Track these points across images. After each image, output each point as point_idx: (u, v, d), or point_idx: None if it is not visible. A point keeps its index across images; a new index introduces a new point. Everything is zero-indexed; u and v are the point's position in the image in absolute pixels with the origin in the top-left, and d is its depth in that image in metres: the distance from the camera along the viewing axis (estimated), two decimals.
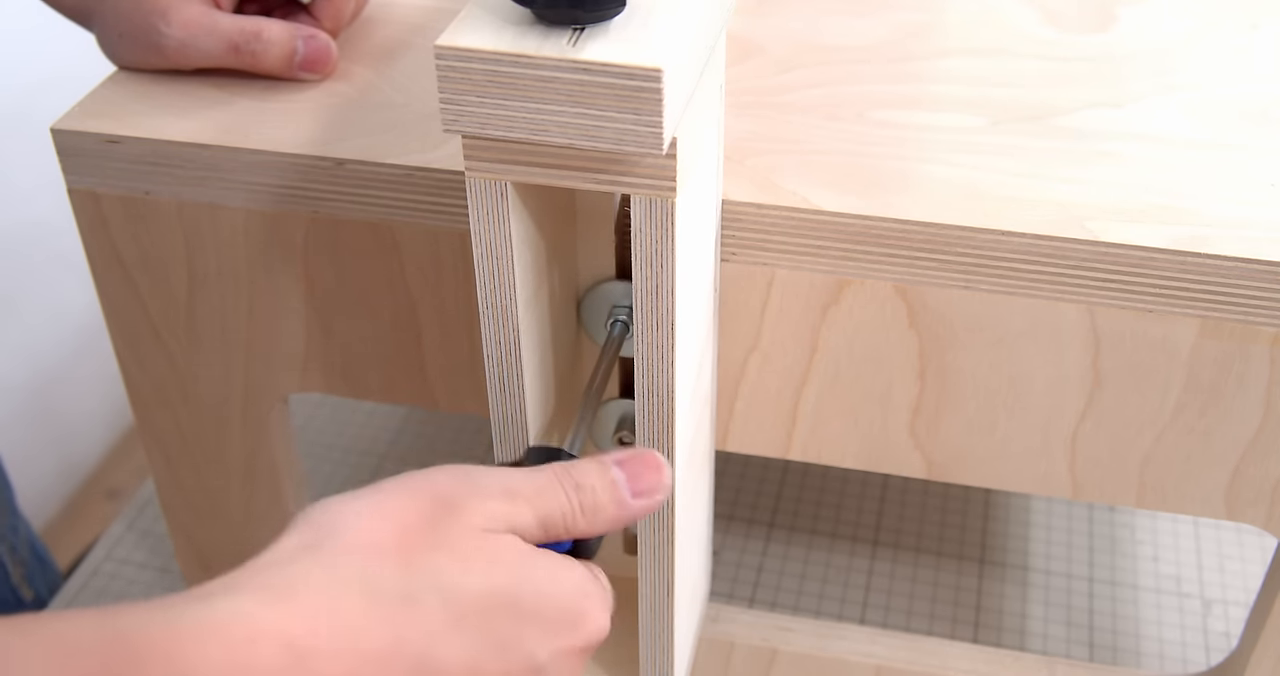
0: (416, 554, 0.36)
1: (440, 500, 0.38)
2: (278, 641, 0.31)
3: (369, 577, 0.34)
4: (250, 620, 0.31)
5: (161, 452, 0.67)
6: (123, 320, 0.62)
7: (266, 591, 0.33)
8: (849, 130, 0.57)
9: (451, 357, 0.61)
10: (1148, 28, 0.66)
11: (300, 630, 0.32)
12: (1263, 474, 0.56)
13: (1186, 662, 0.76)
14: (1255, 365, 0.53)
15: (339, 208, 0.56)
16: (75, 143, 0.57)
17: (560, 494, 0.41)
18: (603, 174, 0.41)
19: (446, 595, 0.36)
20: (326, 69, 0.61)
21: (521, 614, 0.37)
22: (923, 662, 0.66)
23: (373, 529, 0.36)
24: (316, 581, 0.34)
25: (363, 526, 0.36)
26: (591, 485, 0.41)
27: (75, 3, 0.62)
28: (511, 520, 0.39)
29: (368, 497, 0.37)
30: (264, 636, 0.31)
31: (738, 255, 0.54)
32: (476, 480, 0.39)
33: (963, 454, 0.58)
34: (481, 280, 0.44)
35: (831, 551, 0.83)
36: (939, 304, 0.54)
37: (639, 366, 0.45)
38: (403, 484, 0.38)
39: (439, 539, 0.37)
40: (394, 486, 0.38)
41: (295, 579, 0.33)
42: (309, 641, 0.32)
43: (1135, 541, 0.84)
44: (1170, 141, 0.57)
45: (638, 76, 0.37)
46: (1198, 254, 0.50)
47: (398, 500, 0.37)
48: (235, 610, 0.32)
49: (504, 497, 0.39)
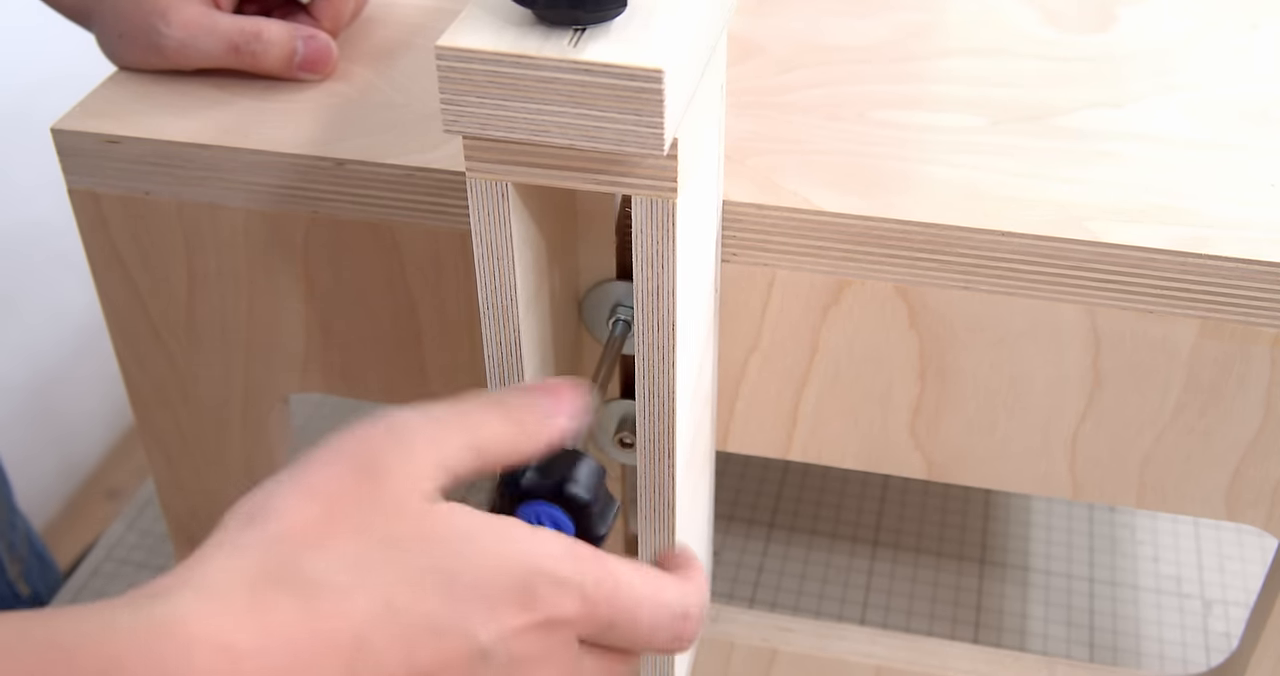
0: (341, 538, 0.35)
1: (364, 466, 0.36)
2: (209, 643, 0.31)
3: (296, 568, 0.34)
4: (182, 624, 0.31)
5: (161, 452, 0.67)
6: (123, 320, 0.62)
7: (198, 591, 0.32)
8: (850, 130, 0.57)
9: (451, 358, 0.61)
10: (1148, 28, 0.66)
11: (230, 629, 0.31)
12: (1263, 474, 0.56)
13: (1186, 662, 0.76)
14: (1255, 366, 0.53)
15: (339, 208, 0.56)
16: (75, 143, 0.57)
17: (491, 414, 0.39)
18: (603, 174, 0.41)
19: (375, 579, 0.34)
20: (326, 69, 0.61)
21: (456, 592, 0.35)
22: (923, 662, 0.66)
23: (299, 511, 0.35)
24: (244, 576, 0.33)
25: (289, 509, 0.35)
26: (518, 403, 0.40)
27: (75, 3, 0.62)
28: (445, 460, 0.37)
29: (292, 479, 0.36)
30: (196, 640, 0.31)
31: (738, 256, 0.54)
32: (401, 433, 0.37)
33: (963, 454, 0.58)
34: (482, 280, 0.44)
35: (831, 551, 0.83)
36: (939, 304, 0.54)
37: (639, 367, 0.45)
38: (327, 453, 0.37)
39: (365, 516, 0.35)
40: (318, 458, 0.36)
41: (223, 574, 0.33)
42: (240, 640, 0.31)
43: (1135, 541, 0.84)
44: (1170, 141, 0.57)
45: (639, 77, 0.37)
46: (1198, 254, 0.50)
47: (321, 474, 0.36)
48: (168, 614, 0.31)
49: (431, 436, 0.37)
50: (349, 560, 0.34)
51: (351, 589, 0.34)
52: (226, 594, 0.32)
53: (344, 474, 0.36)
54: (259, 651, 0.32)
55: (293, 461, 0.37)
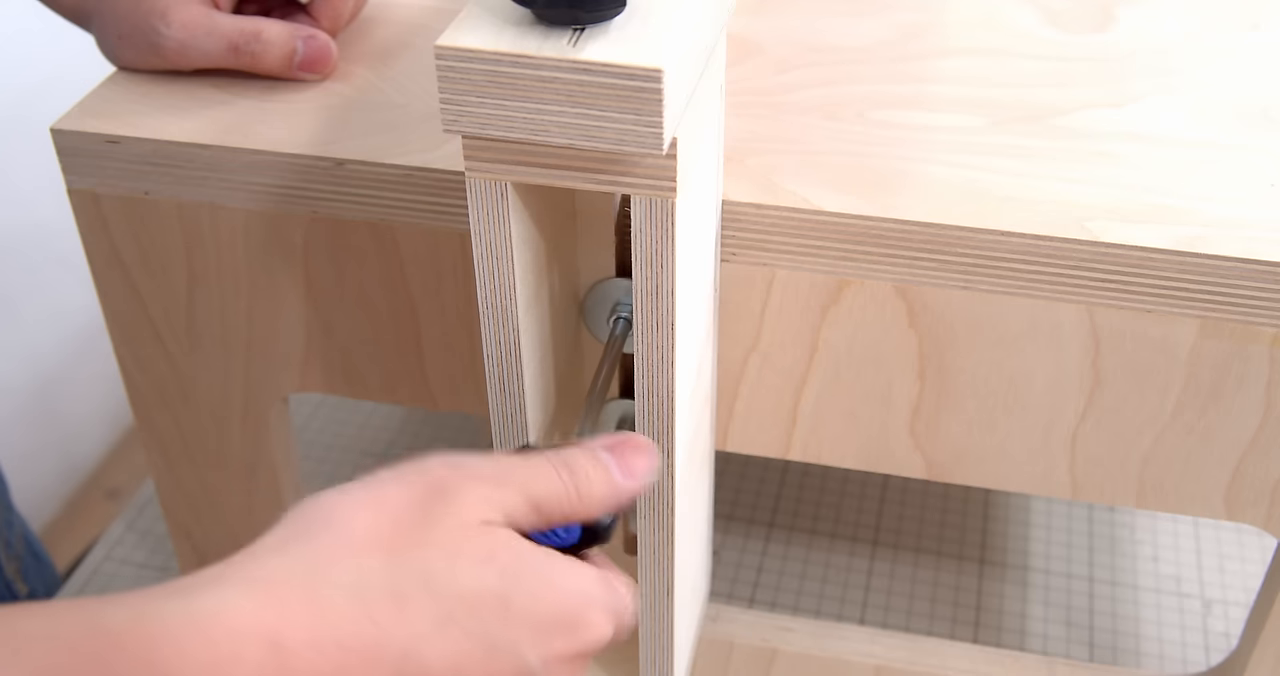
0: (406, 549, 0.35)
1: (433, 488, 0.37)
2: (260, 637, 0.31)
3: (356, 573, 0.34)
4: (234, 615, 0.31)
5: (161, 452, 0.67)
6: (123, 320, 0.62)
7: (252, 584, 0.32)
8: (849, 130, 0.57)
9: (451, 357, 0.61)
10: (1148, 28, 0.66)
11: (283, 625, 0.31)
12: (1263, 474, 0.56)
13: (1186, 662, 0.76)
14: (1255, 365, 0.53)
15: (339, 208, 0.56)
16: (75, 143, 0.57)
17: (553, 475, 0.40)
18: (603, 174, 0.41)
19: (434, 593, 0.35)
20: (326, 69, 0.61)
21: (511, 614, 0.37)
22: (923, 662, 0.66)
23: (365, 522, 0.35)
24: (302, 575, 0.33)
25: (355, 519, 0.35)
26: (583, 467, 0.41)
27: (75, 4, 0.62)
28: (505, 504, 0.38)
29: (362, 490, 0.37)
30: (247, 632, 0.31)
31: (738, 255, 0.54)
32: (469, 466, 0.39)
33: (963, 454, 0.58)
34: (481, 280, 0.44)
35: (831, 551, 0.83)
36: (939, 304, 0.54)
37: (639, 367, 0.45)
38: (397, 474, 0.38)
39: (430, 533, 0.36)
40: (388, 477, 0.37)
41: (281, 572, 0.33)
42: (292, 637, 0.31)
43: (1135, 541, 0.84)
44: (1170, 141, 0.57)
45: (638, 77, 0.37)
46: (1197, 254, 0.50)
47: (391, 490, 0.37)
48: (219, 605, 0.31)
49: (496, 482, 0.39)
50: (409, 571, 0.35)
51: (410, 598, 0.34)
52: (282, 589, 0.32)
53: (411, 493, 0.37)
54: (310, 649, 0.31)
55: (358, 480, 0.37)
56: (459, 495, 0.37)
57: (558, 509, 0.40)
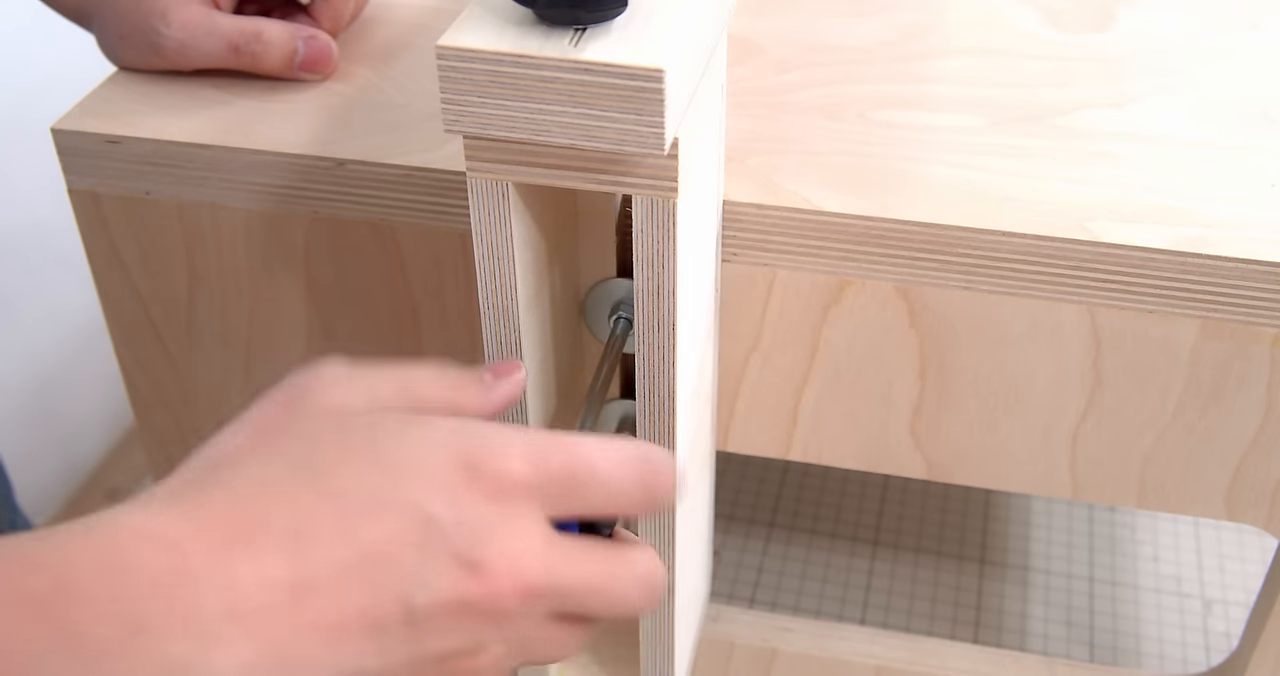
0: (268, 449, 0.36)
1: (290, 396, 0.39)
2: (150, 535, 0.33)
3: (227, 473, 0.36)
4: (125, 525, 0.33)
5: (161, 452, 0.67)
6: (123, 320, 0.62)
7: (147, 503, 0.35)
8: (849, 130, 0.58)
9: (452, 357, 0.60)
10: (1148, 28, 0.66)
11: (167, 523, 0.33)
12: (1263, 474, 0.56)
13: (1186, 662, 0.76)
14: (1255, 365, 0.53)
15: (339, 208, 0.56)
16: (75, 143, 0.57)
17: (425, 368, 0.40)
18: (604, 174, 0.41)
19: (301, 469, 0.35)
20: (327, 69, 0.61)
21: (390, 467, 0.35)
22: (923, 662, 0.66)
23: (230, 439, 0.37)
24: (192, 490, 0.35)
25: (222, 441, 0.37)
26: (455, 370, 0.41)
27: (75, 4, 0.62)
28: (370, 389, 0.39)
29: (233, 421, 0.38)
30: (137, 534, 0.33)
31: (739, 255, 0.54)
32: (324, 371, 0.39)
33: (963, 454, 0.58)
34: (482, 280, 0.44)
35: (831, 551, 0.83)
36: (939, 304, 0.54)
37: (640, 367, 0.45)
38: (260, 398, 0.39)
39: (288, 429, 0.37)
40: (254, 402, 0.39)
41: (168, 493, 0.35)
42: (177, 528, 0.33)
43: (1135, 541, 0.84)
44: (1170, 141, 0.57)
45: (639, 77, 0.37)
46: (1198, 254, 0.50)
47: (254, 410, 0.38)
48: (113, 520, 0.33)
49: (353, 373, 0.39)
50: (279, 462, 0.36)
51: (281, 482, 0.35)
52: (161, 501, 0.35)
53: (271, 406, 0.38)
54: (195, 534, 0.33)
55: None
56: (311, 392, 0.38)
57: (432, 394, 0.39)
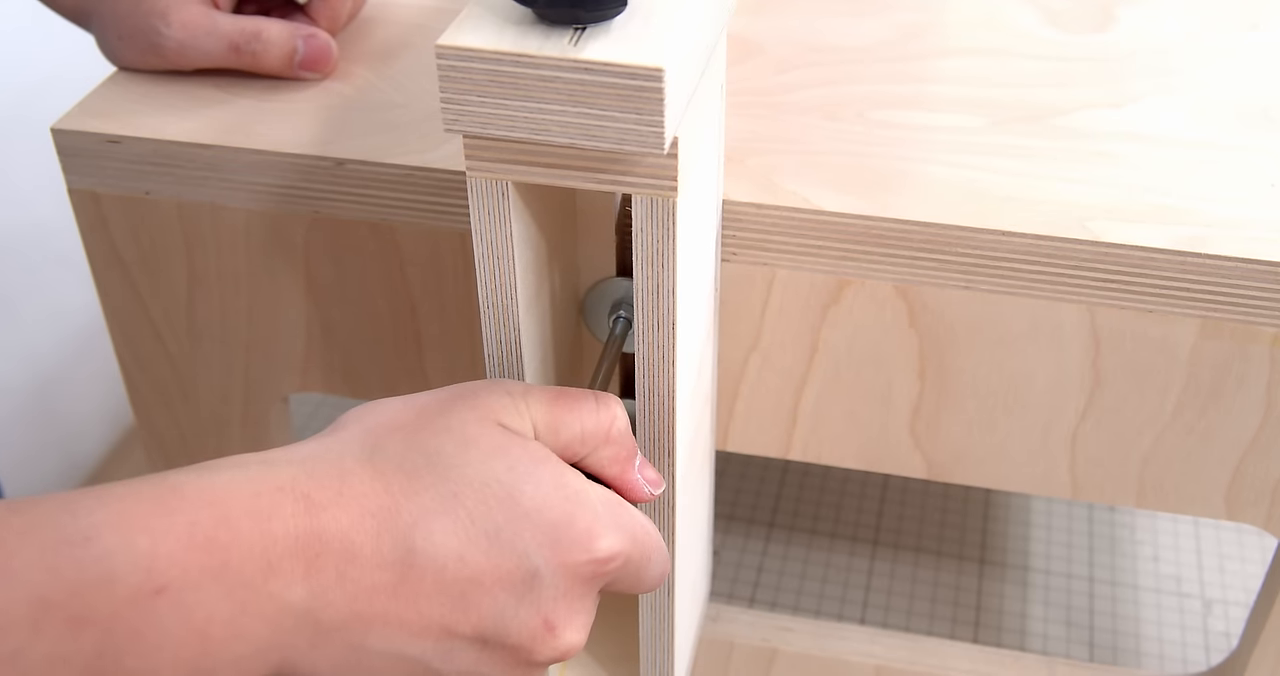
0: (421, 432, 0.38)
1: (461, 391, 0.40)
2: (296, 494, 0.35)
3: (374, 449, 0.38)
4: (275, 477, 0.36)
5: (161, 452, 0.67)
6: (123, 320, 0.62)
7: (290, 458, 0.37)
8: (849, 130, 0.58)
9: (451, 358, 0.61)
10: (1148, 28, 0.66)
11: (314, 488, 0.36)
12: (1263, 474, 0.56)
13: (1186, 662, 0.76)
14: (1255, 365, 0.53)
15: (339, 208, 0.56)
16: (75, 143, 0.57)
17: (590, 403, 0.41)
18: (604, 174, 0.41)
19: (441, 473, 0.37)
20: (327, 68, 0.61)
21: (518, 509, 0.37)
22: (923, 662, 0.66)
23: (392, 411, 0.40)
24: (335, 452, 0.38)
25: (384, 410, 0.40)
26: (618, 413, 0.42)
27: (75, 4, 0.62)
28: (529, 413, 0.40)
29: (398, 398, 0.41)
30: (285, 489, 0.35)
31: (738, 255, 0.54)
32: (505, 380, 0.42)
33: (963, 454, 0.58)
34: (482, 280, 0.44)
35: (831, 551, 0.83)
36: (939, 304, 0.54)
37: (640, 366, 0.45)
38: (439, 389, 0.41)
39: (448, 421, 0.39)
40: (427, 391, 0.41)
41: (316, 450, 0.38)
42: (321, 497, 0.36)
43: (1135, 541, 0.84)
44: (1170, 141, 0.57)
45: (639, 76, 0.37)
46: (1198, 254, 0.50)
47: (422, 395, 0.40)
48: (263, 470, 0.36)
49: (524, 391, 0.41)
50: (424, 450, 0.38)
51: (420, 474, 0.37)
52: (314, 463, 0.37)
53: (440, 395, 0.40)
54: (332, 507, 0.36)
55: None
56: (482, 396, 0.40)
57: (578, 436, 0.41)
